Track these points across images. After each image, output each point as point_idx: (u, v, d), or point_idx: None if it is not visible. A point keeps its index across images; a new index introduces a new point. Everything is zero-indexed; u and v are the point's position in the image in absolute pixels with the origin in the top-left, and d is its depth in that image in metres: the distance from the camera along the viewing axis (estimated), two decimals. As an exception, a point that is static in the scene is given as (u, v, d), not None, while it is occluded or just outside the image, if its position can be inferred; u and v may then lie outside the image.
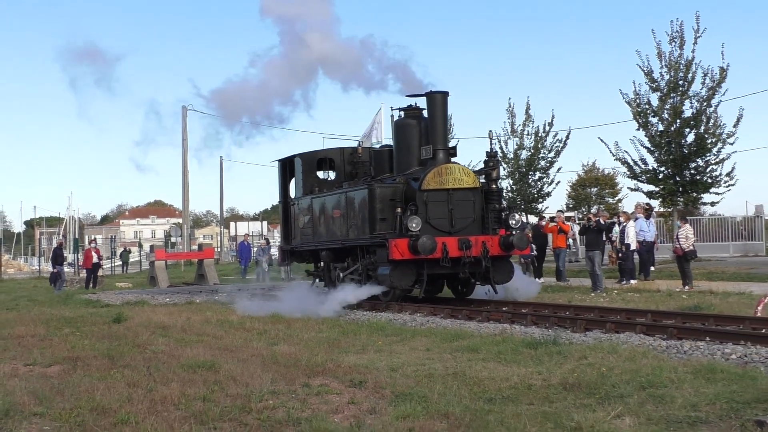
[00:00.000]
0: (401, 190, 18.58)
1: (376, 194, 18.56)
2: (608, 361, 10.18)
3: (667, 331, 13.06)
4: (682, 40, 29.60)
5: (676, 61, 29.69)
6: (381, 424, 7.37)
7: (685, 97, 29.74)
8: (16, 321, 18.39)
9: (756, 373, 9.28)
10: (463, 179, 18.21)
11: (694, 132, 29.88)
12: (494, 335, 13.40)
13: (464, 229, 18.08)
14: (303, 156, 22.98)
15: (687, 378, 8.96)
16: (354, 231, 19.52)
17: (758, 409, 7.54)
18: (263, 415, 7.87)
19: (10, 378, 10.40)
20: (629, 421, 7.22)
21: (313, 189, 22.30)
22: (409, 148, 19.28)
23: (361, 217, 19.03)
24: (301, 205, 22.73)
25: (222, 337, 14.45)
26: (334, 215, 20.54)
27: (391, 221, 18.20)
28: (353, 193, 19.68)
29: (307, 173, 22.63)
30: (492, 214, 18.58)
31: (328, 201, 21.13)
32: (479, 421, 7.31)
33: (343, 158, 22.44)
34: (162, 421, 7.51)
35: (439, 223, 17.96)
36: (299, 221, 22.85)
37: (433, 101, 18.75)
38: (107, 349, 12.79)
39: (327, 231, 21.10)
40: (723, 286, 21.26)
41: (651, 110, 30.27)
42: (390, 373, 10.05)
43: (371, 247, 18.82)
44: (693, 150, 29.87)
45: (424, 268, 17.80)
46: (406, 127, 19.49)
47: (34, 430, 7.42)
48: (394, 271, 17.62)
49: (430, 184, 17.89)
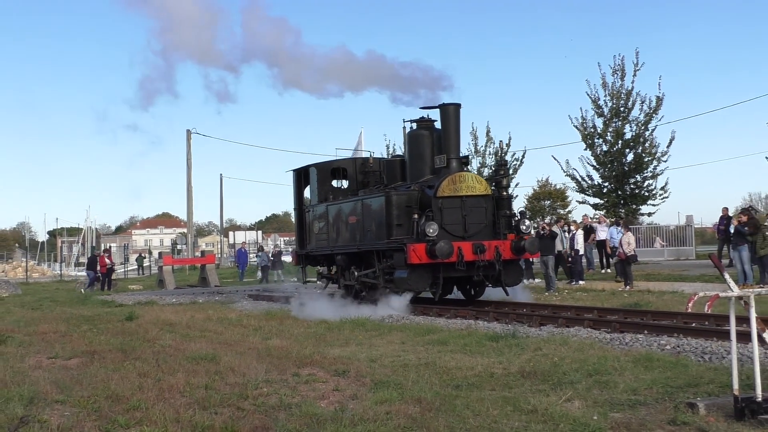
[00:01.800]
0: (416, 197, 17.47)
1: (393, 201, 17.40)
2: (560, 351, 10.23)
3: (610, 325, 13.11)
4: (623, 73, 29.95)
5: (618, 91, 29.99)
6: (362, 408, 7.35)
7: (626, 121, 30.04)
8: (40, 319, 18.28)
9: (687, 362, 9.35)
10: (475, 187, 17.23)
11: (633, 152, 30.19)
12: (461, 330, 13.39)
13: (477, 234, 17.07)
14: (318, 166, 21.81)
15: (628, 366, 9.01)
16: (370, 236, 18.35)
17: (689, 392, 7.59)
18: (258, 401, 7.84)
19: (34, 369, 10.33)
20: (578, 404, 7.24)
21: (328, 197, 21.08)
22: (422, 157, 18.19)
23: (378, 222, 17.93)
24: (316, 211, 21.45)
25: (222, 332, 14.40)
26: (350, 221, 19.34)
27: (407, 227, 17.15)
28: (370, 200, 18.53)
29: (322, 182, 21.38)
30: (503, 219, 17.57)
31: (344, 208, 19.93)
32: (448, 405, 7.31)
33: (355, 168, 21.32)
34: (169, 407, 7.47)
35: (453, 228, 16.92)
36: (314, 227, 21.53)
37: (446, 113, 17.71)
38: (120, 344, 12.72)
39: (342, 236, 19.87)
40: (659, 285, 21.42)
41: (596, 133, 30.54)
42: (369, 363, 10.05)
43: (388, 252, 17.68)
44: (632, 167, 30.17)
45: (440, 271, 16.73)
46: (419, 137, 18.37)
47: (56, 416, 7.35)
48: (412, 275, 16.63)
49: (445, 192, 16.92)
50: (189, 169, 44.89)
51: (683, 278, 23.38)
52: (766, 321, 7.88)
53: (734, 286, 6.69)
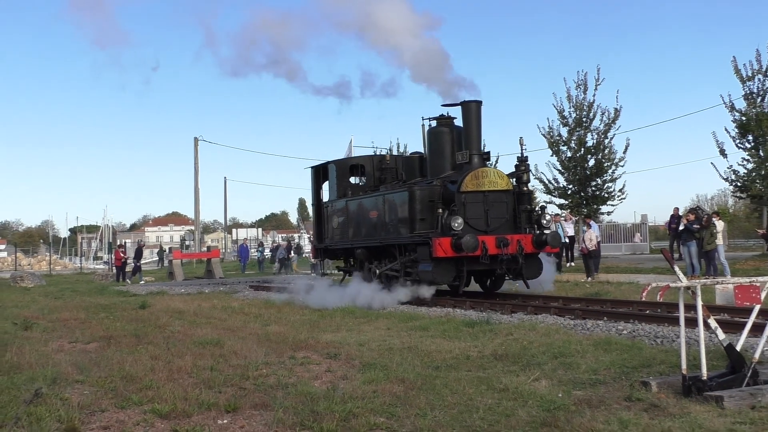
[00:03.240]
0: (438, 192, 16.23)
1: (416, 196, 16.35)
2: (529, 336, 10.27)
3: (574, 312, 13.17)
4: (586, 87, 29.97)
5: (581, 103, 30.05)
6: (351, 387, 7.36)
7: (588, 131, 30.08)
8: (62, 308, 18.22)
9: (642, 345, 9.42)
10: (497, 182, 16.04)
11: (594, 158, 30.22)
12: (440, 317, 13.39)
13: (498, 228, 15.90)
14: (337, 162, 20.46)
15: (589, 349, 9.05)
16: (392, 230, 17.16)
17: (643, 372, 7.64)
18: (258, 381, 7.83)
19: (57, 353, 10.29)
20: (545, 383, 7.27)
21: (346, 192, 19.79)
22: (442, 153, 16.98)
23: (401, 217, 16.77)
24: (335, 207, 20.11)
25: (226, 319, 14.37)
26: (371, 216, 18.04)
27: (430, 221, 16.08)
28: (392, 195, 17.29)
29: (341, 178, 20.04)
30: (523, 214, 16.33)
31: (364, 203, 18.61)
32: (428, 385, 7.32)
33: (372, 165, 19.96)
34: (178, 387, 7.46)
35: (476, 222, 15.76)
36: (333, 221, 20.22)
37: (468, 109, 16.35)
38: (134, 330, 12.68)
39: (363, 231, 18.60)
40: (617, 277, 21.50)
41: (562, 141, 30.56)
42: (358, 347, 10.05)
43: (410, 246, 16.53)
44: (593, 172, 30.23)
45: (464, 264, 15.57)
46: (439, 134, 17.15)
47: (76, 394, 7.33)
48: (437, 268, 15.43)
49: (468, 187, 15.74)
50: (196, 173, 44.73)
51: (638, 270, 23.51)
52: (710, 308, 7.94)
53: (683, 277, 6.73)
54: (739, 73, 26.32)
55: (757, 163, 26.24)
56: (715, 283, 7.86)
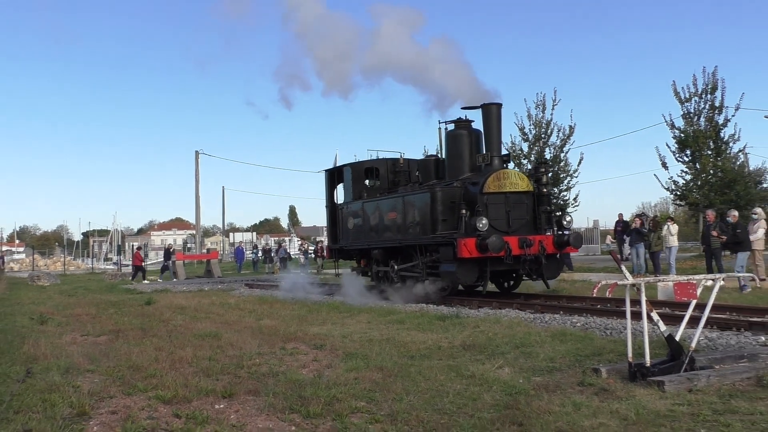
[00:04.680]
0: (459, 193, 14.96)
1: (438, 197, 15.04)
2: (494, 329, 10.28)
3: (534, 307, 13.24)
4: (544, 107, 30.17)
5: (540, 121, 30.24)
6: (335, 375, 7.33)
7: (546, 145, 30.26)
8: (75, 304, 18.04)
9: (593, 336, 9.48)
10: (518, 183, 14.74)
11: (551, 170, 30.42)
12: (415, 312, 13.38)
13: (519, 229, 14.62)
14: (353, 165, 19.05)
15: (547, 340, 9.09)
16: (412, 231, 15.82)
17: (594, 360, 7.68)
18: (252, 369, 7.79)
19: (70, 345, 10.17)
20: (508, 370, 7.28)
21: (362, 194, 18.50)
22: (460, 155, 15.61)
23: (422, 218, 15.43)
24: (350, 208, 18.67)
25: (223, 314, 14.25)
26: (390, 217, 16.70)
27: (452, 222, 14.82)
28: (412, 197, 15.94)
29: (356, 181, 18.66)
30: (543, 215, 15.05)
31: (382, 204, 17.21)
32: (404, 372, 7.31)
33: (386, 168, 18.63)
34: (179, 375, 7.40)
35: (498, 223, 14.41)
36: (348, 223, 18.75)
37: (489, 112, 14.94)
38: (140, 324, 12.57)
39: (380, 232, 17.17)
40: (571, 275, 21.61)
41: (522, 154, 30.73)
42: (342, 339, 10.02)
43: (431, 246, 15.27)
44: (551, 182, 30.41)
45: (487, 265, 14.25)
46: (458, 136, 15.75)
47: (87, 382, 7.24)
48: (460, 268, 14.15)
49: (491, 188, 14.43)
50: (197, 183, 44.46)
51: (591, 270, 23.66)
52: (653, 303, 8.01)
53: (629, 276, 6.78)
54: (678, 95, 26.67)
55: (693, 175, 26.63)
56: (657, 280, 7.90)
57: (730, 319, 10.48)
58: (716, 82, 26.26)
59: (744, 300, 13.52)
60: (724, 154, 26.54)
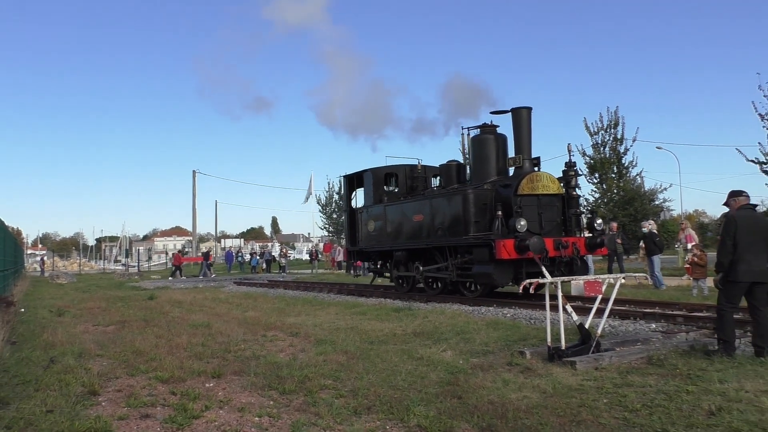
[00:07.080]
0: (491, 195, 13.07)
1: (470, 199, 13.01)
2: (439, 319, 10.30)
3: (473, 301, 13.24)
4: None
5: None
6: (307, 357, 7.26)
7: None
8: (88, 299, 17.56)
9: (520, 324, 9.55)
10: (550, 186, 12.85)
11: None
12: (375, 305, 13.34)
13: (550, 231, 12.75)
14: (374, 171, 16.67)
15: (482, 328, 9.13)
16: (441, 233, 13.73)
17: (521, 344, 7.74)
18: (238, 354, 7.66)
19: (83, 333, 9.89)
20: (450, 353, 7.30)
21: (382, 198, 16.37)
22: (487, 159, 13.66)
23: (453, 220, 13.37)
24: (371, 212, 16.44)
25: (214, 308, 14.01)
26: (415, 219, 14.59)
27: (483, 224, 12.94)
28: (441, 199, 13.86)
29: (377, 185, 16.51)
30: (573, 217, 13.12)
31: (406, 207, 15.06)
32: (365, 355, 7.27)
33: (405, 174, 16.51)
34: (176, 359, 7.24)
35: (531, 225, 12.43)
36: (369, 226, 16.47)
37: (519, 116, 13.13)
38: (143, 316, 12.28)
39: (404, 234, 15.06)
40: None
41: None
42: (314, 327, 9.93)
43: (463, 248, 13.31)
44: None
45: (523, 266, 12.25)
46: (483, 141, 13.79)
47: (97, 365, 7.05)
48: (497, 269, 12.23)
49: (524, 190, 12.64)
50: (194, 197, 43.92)
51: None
52: (568, 298, 8.12)
53: (548, 275, 6.88)
54: (589, 129, 27.31)
55: (601, 193, 27.25)
56: (570, 279, 8.03)
57: (629, 310, 10.65)
58: (618, 119, 26.99)
59: (639, 294, 13.75)
60: (625, 177, 27.25)
